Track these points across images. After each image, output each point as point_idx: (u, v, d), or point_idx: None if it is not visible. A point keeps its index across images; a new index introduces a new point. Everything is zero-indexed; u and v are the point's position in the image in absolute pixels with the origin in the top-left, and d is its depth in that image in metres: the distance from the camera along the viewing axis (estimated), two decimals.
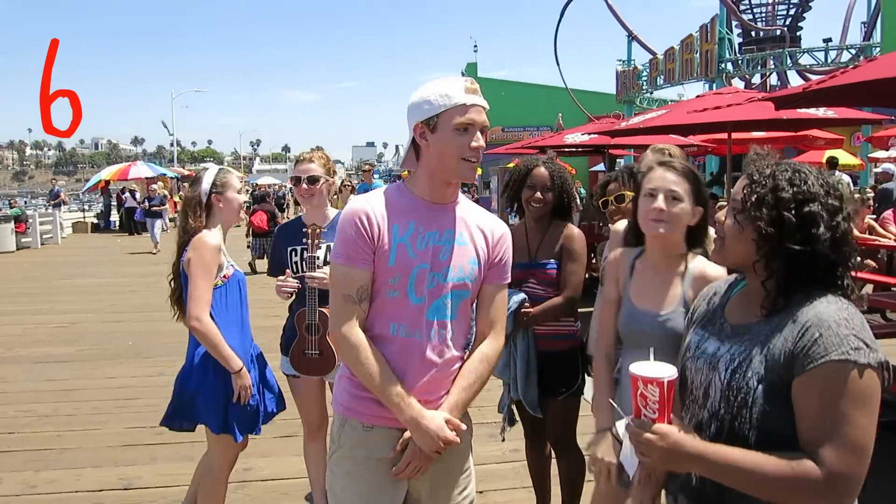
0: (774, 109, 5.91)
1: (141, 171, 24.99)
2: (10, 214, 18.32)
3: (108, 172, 26.47)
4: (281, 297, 3.13)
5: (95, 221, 25.47)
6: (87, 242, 20.81)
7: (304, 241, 2.99)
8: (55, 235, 20.13)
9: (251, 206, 13.60)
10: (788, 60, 23.91)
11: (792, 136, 10.39)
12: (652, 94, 27.43)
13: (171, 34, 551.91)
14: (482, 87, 2.00)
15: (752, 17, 29.35)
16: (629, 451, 1.51)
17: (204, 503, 3.02)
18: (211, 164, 4.07)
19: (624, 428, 1.51)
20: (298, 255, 3.11)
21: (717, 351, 1.51)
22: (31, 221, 18.68)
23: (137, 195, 23.14)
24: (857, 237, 8.30)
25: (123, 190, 24.86)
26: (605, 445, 2.07)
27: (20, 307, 9.64)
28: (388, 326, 1.93)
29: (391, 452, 1.94)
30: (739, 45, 26.91)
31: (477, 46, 37.39)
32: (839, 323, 1.32)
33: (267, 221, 12.60)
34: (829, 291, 1.39)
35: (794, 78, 28.28)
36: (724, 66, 23.09)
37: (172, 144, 54.01)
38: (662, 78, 25.40)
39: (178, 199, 20.91)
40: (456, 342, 1.99)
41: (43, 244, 19.01)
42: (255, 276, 11.00)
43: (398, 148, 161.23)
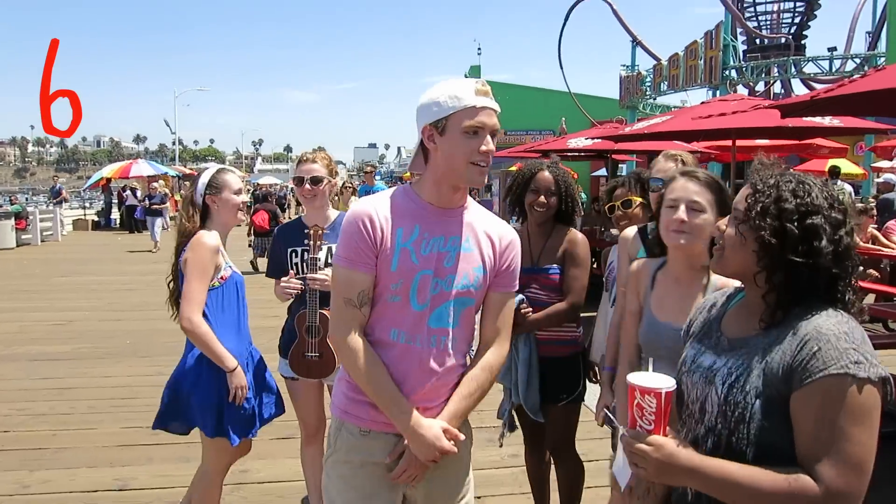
0: (780, 117, 5.89)
1: (142, 169, 24.94)
2: (10, 211, 18.30)
3: (109, 170, 26.44)
4: (283, 297, 3.10)
5: (96, 219, 25.47)
6: (87, 240, 20.80)
7: (305, 242, 2.97)
8: (55, 232, 20.12)
9: (252, 205, 13.57)
10: (793, 69, 23.89)
11: (796, 144, 10.37)
12: (655, 99, 27.42)
13: (173, 32, 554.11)
14: None
15: (756, 24, 29.34)
16: (622, 461, 1.48)
17: None
18: (212, 163, 4.03)
19: (619, 438, 1.48)
20: (299, 256, 3.09)
21: (713, 365, 1.49)
22: (31, 218, 18.66)
23: (138, 193, 23.12)
24: (860, 247, 8.30)
25: (125, 188, 24.83)
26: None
27: (18, 304, 9.62)
28: (388, 332, 1.89)
29: (387, 458, 1.91)
30: (744, 52, 26.89)
31: (480, 49, 37.39)
32: (839, 336, 1.29)
33: (268, 221, 12.59)
34: (829, 305, 1.36)
35: (797, 86, 28.31)
36: (728, 73, 23.09)
37: (174, 143, 54.06)
38: (666, 84, 25.37)
39: (178, 197, 20.90)
40: (457, 350, 1.95)
41: (43, 241, 19.00)
42: (256, 275, 10.97)
43: (400, 150, 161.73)
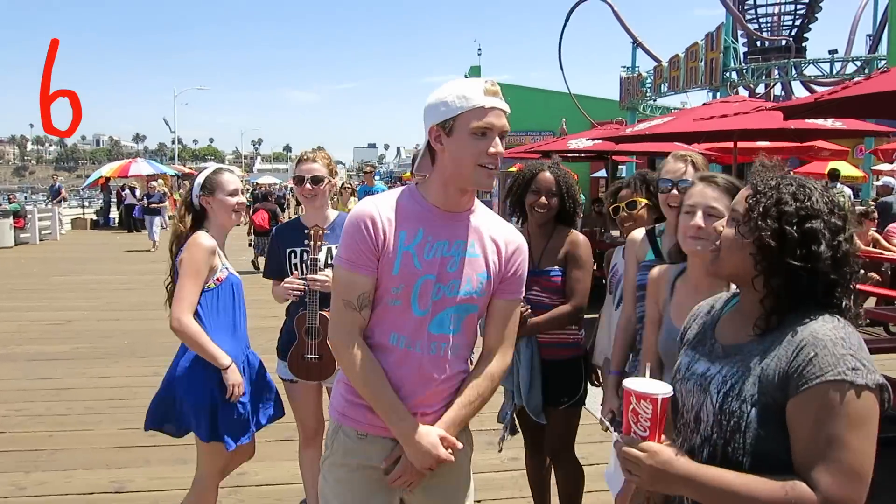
0: (783, 119, 5.86)
1: (141, 168, 24.83)
2: (8, 209, 18.26)
3: (108, 169, 26.34)
4: (281, 298, 3.06)
5: (95, 218, 25.40)
6: (85, 239, 20.73)
7: (305, 242, 2.94)
8: (54, 231, 20.07)
9: (251, 205, 13.53)
10: (793, 71, 23.87)
11: (798, 146, 10.34)
12: (655, 101, 27.38)
13: (173, 32, 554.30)
14: None
15: (757, 26, 29.38)
16: (613, 466, 1.45)
17: None
18: (212, 162, 3.99)
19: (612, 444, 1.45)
20: (298, 256, 3.06)
21: (706, 372, 1.46)
22: (29, 217, 18.61)
23: (137, 192, 23.07)
24: (861, 250, 8.27)
25: (123, 187, 24.77)
26: None
27: (16, 303, 9.57)
28: (388, 336, 1.86)
29: (382, 463, 1.88)
30: (744, 54, 26.89)
31: (481, 50, 37.38)
32: (835, 342, 1.27)
33: (268, 220, 12.54)
34: (826, 311, 1.34)
35: (798, 89, 28.32)
36: (728, 75, 23.06)
37: (174, 142, 53.95)
38: (666, 85, 25.34)
39: (177, 196, 20.86)
40: (458, 356, 1.91)
41: (42, 240, 18.94)
42: (256, 274, 10.90)
43: (400, 150, 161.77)
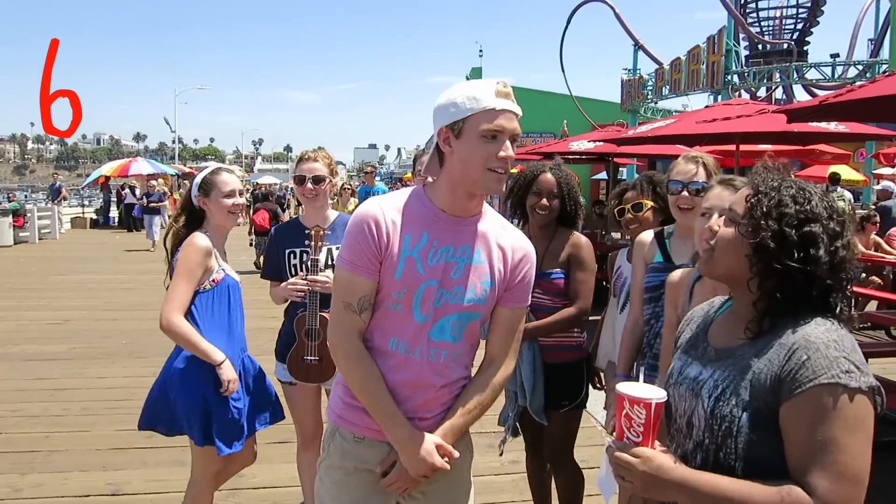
0: (787, 122, 5.83)
1: (141, 167, 24.79)
2: (8, 208, 18.23)
3: (108, 168, 26.30)
4: (282, 299, 3.02)
5: (95, 217, 25.37)
6: (85, 238, 20.69)
7: (305, 242, 2.91)
8: (53, 230, 20.04)
9: (252, 205, 13.50)
10: (795, 74, 23.88)
11: (800, 149, 10.31)
12: (657, 103, 27.35)
13: (174, 31, 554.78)
14: None
15: (759, 30, 29.37)
16: (605, 472, 1.42)
17: None
18: (212, 162, 3.96)
19: (605, 449, 1.42)
20: (298, 257, 3.02)
21: (698, 376, 1.43)
22: (29, 216, 18.57)
23: (137, 191, 23.03)
24: (863, 254, 8.23)
25: (123, 186, 24.73)
26: None
27: (14, 303, 9.53)
28: (387, 340, 1.82)
29: (377, 467, 1.85)
30: (746, 57, 26.88)
31: (482, 51, 37.09)
32: (828, 345, 1.25)
33: (269, 220, 12.51)
34: (819, 314, 1.32)
35: (799, 92, 28.31)
36: (730, 78, 23.02)
37: (174, 141, 53.97)
38: (668, 88, 25.30)
39: (177, 196, 20.81)
40: (458, 363, 1.88)
41: (41, 239, 18.91)
42: (257, 275, 10.88)
43: (400, 150, 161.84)
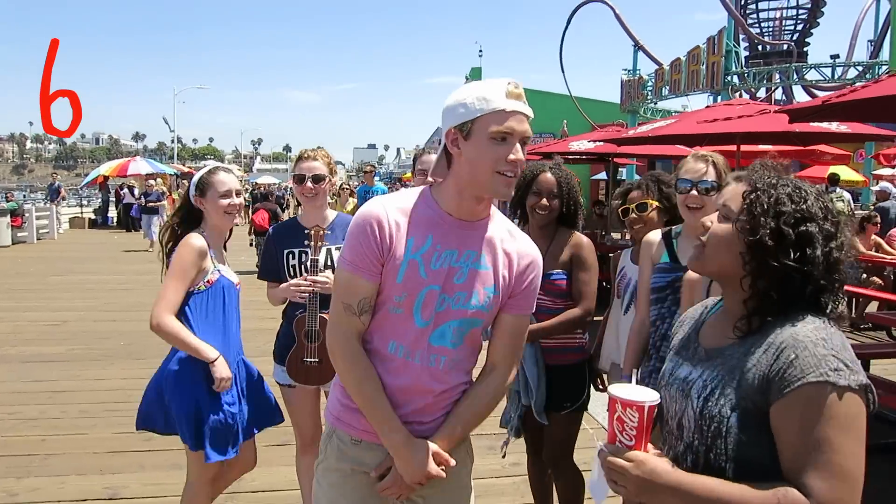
0: (788, 122, 5.81)
1: (140, 167, 24.72)
2: (6, 208, 18.15)
3: (106, 168, 26.24)
4: (281, 300, 2.99)
5: (93, 217, 25.31)
6: (83, 238, 20.64)
7: (304, 242, 2.88)
8: (52, 230, 19.99)
9: (251, 205, 13.46)
10: (795, 75, 23.87)
11: (800, 150, 10.29)
12: (656, 104, 27.33)
13: (174, 31, 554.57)
14: None
15: (759, 30, 29.37)
16: (597, 475, 1.39)
17: None
18: (211, 161, 3.93)
19: (596, 453, 1.40)
20: (297, 257, 2.98)
21: (688, 376, 1.41)
22: (27, 216, 18.52)
23: (136, 191, 22.98)
24: (863, 254, 8.19)
25: (122, 186, 24.69)
26: None
27: (12, 303, 9.48)
28: (387, 344, 1.78)
29: (372, 472, 1.82)
30: (746, 58, 26.87)
31: (482, 51, 36.99)
32: (816, 343, 1.23)
33: (269, 220, 12.48)
34: (808, 313, 1.29)
35: (799, 93, 28.30)
36: (730, 78, 23.00)
37: (173, 141, 53.81)
38: (668, 88, 25.28)
39: (176, 196, 20.77)
40: (458, 368, 1.84)
41: (39, 239, 18.86)
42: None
43: (399, 151, 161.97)
